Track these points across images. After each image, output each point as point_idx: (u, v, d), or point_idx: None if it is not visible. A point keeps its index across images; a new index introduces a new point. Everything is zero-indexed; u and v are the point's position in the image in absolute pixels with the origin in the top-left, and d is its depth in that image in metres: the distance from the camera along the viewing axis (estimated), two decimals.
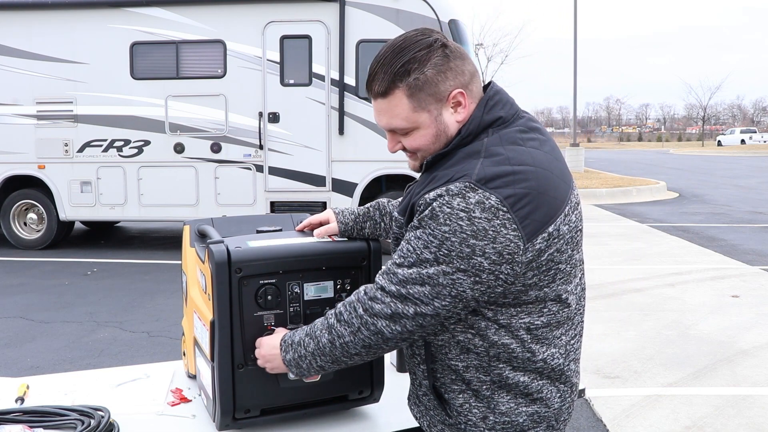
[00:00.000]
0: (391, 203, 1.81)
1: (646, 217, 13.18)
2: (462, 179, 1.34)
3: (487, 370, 1.43)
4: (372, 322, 1.40)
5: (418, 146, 1.47)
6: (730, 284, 7.28)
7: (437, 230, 1.33)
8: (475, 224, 1.31)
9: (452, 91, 1.42)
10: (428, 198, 1.36)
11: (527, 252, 1.34)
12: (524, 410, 1.44)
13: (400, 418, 1.79)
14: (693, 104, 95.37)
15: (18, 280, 7.67)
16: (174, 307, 6.37)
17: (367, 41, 8.67)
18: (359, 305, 1.42)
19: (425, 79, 1.40)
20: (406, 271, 1.37)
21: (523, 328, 1.41)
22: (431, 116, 1.43)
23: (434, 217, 1.33)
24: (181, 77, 9.03)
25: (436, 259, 1.33)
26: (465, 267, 1.32)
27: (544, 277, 1.39)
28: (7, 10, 9.14)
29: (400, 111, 1.43)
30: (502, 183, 1.33)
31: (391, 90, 1.42)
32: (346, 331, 1.43)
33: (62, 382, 2.02)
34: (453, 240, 1.31)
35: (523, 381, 1.43)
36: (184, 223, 1.94)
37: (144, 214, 9.30)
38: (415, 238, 1.37)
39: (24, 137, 9.24)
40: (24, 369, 4.74)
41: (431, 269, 1.34)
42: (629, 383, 4.49)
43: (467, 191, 1.32)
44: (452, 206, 1.32)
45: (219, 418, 1.62)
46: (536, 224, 1.34)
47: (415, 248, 1.36)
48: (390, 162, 8.78)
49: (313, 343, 1.48)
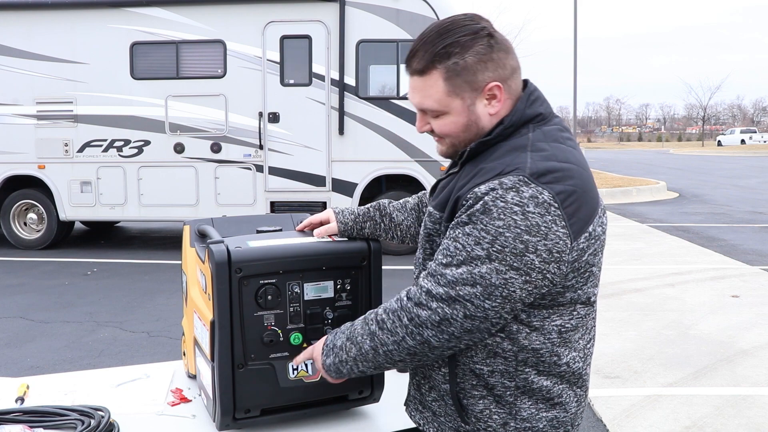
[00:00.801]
0: (392, 204, 1.80)
1: (646, 217, 13.18)
2: (515, 172, 1.30)
3: (513, 375, 1.39)
4: (418, 331, 1.33)
5: (447, 132, 1.44)
6: (730, 284, 7.28)
7: (490, 225, 1.27)
8: (529, 219, 1.26)
9: (489, 82, 1.38)
10: (479, 191, 1.30)
11: (572, 251, 1.32)
12: (544, 416, 1.41)
13: (400, 418, 1.79)
14: (693, 104, 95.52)
15: (18, 280, 7.67)
16: (174, 307, 6.37)
17: (367, 41, 8.68)
18: (404, 314, 1.35)
19: (464, 65, 1.37)
20: (455, 271, 1.30)
21: (555, 331, 1.38)
22: (464, 104, 1.40)
23: (487, 211, 1.28)
24: (181, 77, 9.03)
25: (488, 256, 1.27)
26: (518, 265, 1.27)
27: (580, 279, 1.37)
28: (8, 10, 9.14)
29: (434, 92, 1.40)
30: (553, 179, 1.30)
31: (428, 69, 1.39)
32: (390, 340, 1.37)
33: (62, 382, 2.02)
34: (507, 235, 1.26)
35: (546, 386, 1.40)
36: (184, 223, 1.94)
37: (144, 214, 9.30)
38: (464, 234, 1.30)
39: (24, 137, 9.24)
40: (24, 369, 4.74)
41: (483, 267, 1.28)
42: (629, 383, 4.48)
43: (521, 185, 1.28)
44: (506, 200, 1.27)
45: (219, 418, 1.62)
46: (581, 223, 1.32)
47: (465, 245, 1.30)
48: (390, 162, 8.79)
49: (355, 349, 1.43)
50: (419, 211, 1.79)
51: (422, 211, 1.79)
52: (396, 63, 8.72)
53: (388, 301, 1.43)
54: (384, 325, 1.38)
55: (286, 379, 1.64)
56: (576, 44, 24.09)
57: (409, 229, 1.78)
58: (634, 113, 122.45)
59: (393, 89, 8.91)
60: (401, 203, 1.81)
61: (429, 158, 8.70)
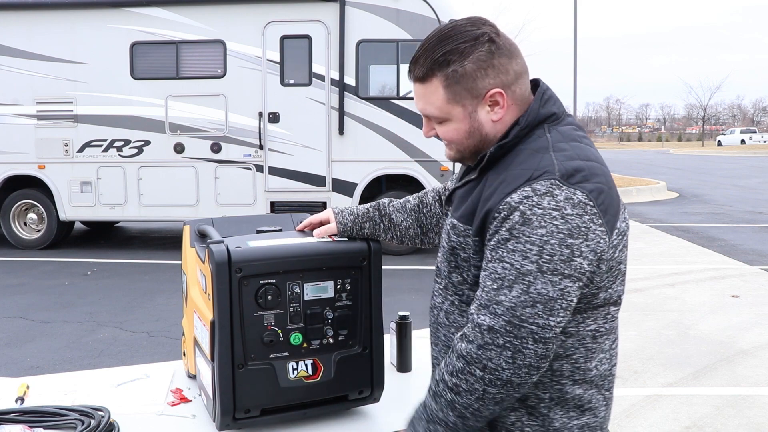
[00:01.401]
0: (392, 204, 1.79)
1: (646, 217, 13.18)
2: (545, 176, 1.27)
3: (547, 386, 1.35)
4: (496, 377, 1.24)
5: (450, 138, 1.42)
6: (730, 284, 7.28)
7: (533, 235, 1.23)
8: (569, 222, 1.23)
9: (491, 89, 1.35)
10: (513, 201, 1.26)
11: (609, 249, 1.30)
12: (576, 423, 1.37)
13: (400, 418, 1.79)
14: (693, 104, 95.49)
15: (18, 280, 7.67)
16: (174, 307, 6.37)
17: (367, 41, 8.68)
18: (474, 367, 1.26)
19: (463, 73, 1.34)
20: (509, 295, 1.23)
21: (589, 336, 1.35)
22: (465, 111, 1.38)
23: (527, 222, 1.24)
24: (181, 77, 9.03)
25: (539, 269, 1.22)
26: (569, 272, 1.23)
27: (611, 278, 1.34)
28: (8, 10, 9.14)
29: (435, 100, 1.38)
30: (582, 178, 1.28)
31: (428, 77, 1.37)
32: (473, 399, 1.27)
33: (62, 382, 2.02)
34: (552, 243, 1.22)
35: (578, 394, 1.36)
36: (184, 223, 1.94)
37: (144, 214, 9.30)
38: (509, 252, 1.25)
39: (24, 137, 9.24)
40: (24, 369, 4.74)
41: (538, 283, 1.22)
42: (629, 383, 4.48)
43: (554, 188, 1.25)
44: (543, 206, 1.24)
45: (219, 418, 1.62)
46: (612, 219, 1.30)
47: (513, 263, 1.24)
48: (390, 162, 8.79)
49: (441, 428, 1.32)
50: (419, 212, 1.78)
51: (422, 212, 1.78)
52: (396, 63, 8.72)
53: (445, 363, 1.34)
54: (459, 389, 1.29)
55: (286, 379, 1.64)
56: (576, 44, 24.08)
57: (408, 230, 1.77)
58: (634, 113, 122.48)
59: (393, 89, 8.91)
60: (401, 203, 1.80)
61: (429, 158, 8.70)
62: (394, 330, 2.16)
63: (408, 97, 8.79)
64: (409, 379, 2.10)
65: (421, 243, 1.81)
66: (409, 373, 2.13)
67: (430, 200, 1.79)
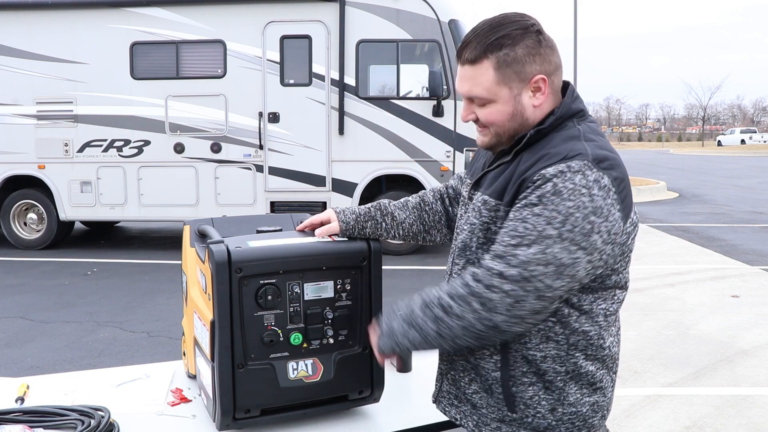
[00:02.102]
0: (392, 203, 1.81)
1: (646, 217, 13.18)
2: (579, 157, 1.37)
3: (564, 360, 1.44)
4: (488, 316, 1.35)
5: (492, 121, 1.49)
6: (730, 284, 7.28)
7: (561, 205, 1.33)
8: (595, 201, 1.34)
9: (536, 75, 1.45)
10: (548, 173, 1.36)
11: (623, 234, 1.40)
12: (587, 400, 1.47)
13: (400, 418, 1.79)
14: (693, 104, 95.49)
15: (18, 280, 7.67)
16: (174, 307, 6.37)
17: (367, 41, 8.68)
18: (473, 299, 1.36)
19: (514, 57, 1.43)
20: (527, 251, 1.33)
21: (601, 315, 1.45)
22: (511, 94, 1.46)
23: (557, 192, 1.33)
24: (181, 77, 9.03)
25: (559, 236, 1.32)
26: (585, 244, 1.33)
27: (622, 262, 1.45)
28: (8, 10, 9.14)
29: (484, 80, 1.46)
30: (608, 165, 1.38)
31: (480, 59, 1.45)
32: (457, 325, 1.38)
33: (62, 382, 2.02)
34: (577, 215, 1.32)
35: (591, 371, 1.46)
36: (184, 223, 1.94)
37: (144, 214, 9.30)
38: (534, 215, 1.34)
39: (24, 137, 9.24)
40: (24, 369, 4.74)
41: (555, 247, 1.32)
42: (629, 383, 4.48)
43: (586, 169, 1.35)
44: (575, 182, 1.34)
45: (219, 418, 1.62)
46: (628, 208, 1.41)
47: (536, 225, 1.34)
48: (390, 162, 8.79)
49: (416, 333, 1.45)
50: (421, 209, 1.81)
51: (424, 210, 1.81)
52: (396, 63, 8.72)
53: (449, 285, 1.43)
54: (451, 311, 1.39)
55: (286, 379, 1.64)
56: (576, 44, 24.08)
57: (412, 226, 1.80)
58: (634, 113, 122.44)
59: (393, 89, 8.90)
60: (402, 202, 1.82)
61: (429, 158, 8.70)
62: None
63: (408, 97, 8.79)
64: (409, 379, 2.10)
65: (423, 240, 1.84)
66: (409, 373, 2.13)
67: (430, 199, 1.83)
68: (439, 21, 8.42)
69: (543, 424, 1.45)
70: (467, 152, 8.55)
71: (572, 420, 1.46)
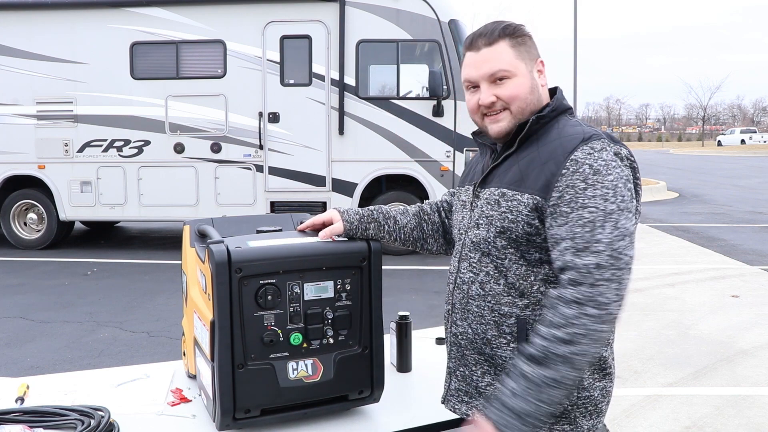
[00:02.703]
0: (393, 209, 1.84)
1: (646, 217, 13.18)
2: (595, 137, 1.47)
3: None
4: (607, 313, 1.35)
5: (516, 94, 1.56)
6: (730, 284, 7.28)
7: (606, 180, 1.41)
8: (624, 170, 1.45)
9: (538, 58, 1.61)
10: (578, 158, 1.44)
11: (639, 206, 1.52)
12: (598, 385, 1.52)
13: (400, 418, 1.79)
14: (693, 104, 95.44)
15: (18, 280, 7.67)
16: (174, 307, 6.37)
17: (367, 41, 8.68)
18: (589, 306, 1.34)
19: (524, 39, 1.59)
20: (604, 232, 1.38)
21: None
22: (527, 69, 1.57)
23: (597, 171, 1.42)
24: (181, 77, 9.03)
25: (618, 207, 1.40)
26: (632, 209, 1.43)
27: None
28: (7, 10, 9.14)
29: (505, 56, 1.56)
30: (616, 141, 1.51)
31: (496, 41, 1.56)
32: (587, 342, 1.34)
33: (62, 382, 2.02)
34: (619, 185, 1.42)
35: (604, 356, 1.51)
36: (184, 223, 1.94)
37: (144, 214, 9.30)
38: (589, 197, 1.40)
39: (24, 137, 9.24)
40: (24, 369, 4.74)
41: (621, 218, 1.39)
42: (629, 383, 4.48)
43: (605, 145, 1.47)
44: (605, 159, 1.44)
45: (219, 418, 1.62)
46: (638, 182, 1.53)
47: (597, 206, 1.39)
48: (390, 162, 8.78)
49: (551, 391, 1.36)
50: (420, 218, 1.85)
51: (423, 219, 1.85)
52: (396, 63, 8.72)
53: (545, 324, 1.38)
54: (575, 336, 1.34)
55: (286, 379, 1.64)
56: (576, 44, 24.07)
57: (413, 232, 1.82)
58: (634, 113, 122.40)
59: (393, 89, 8.90)
60: (402, 209, 1.86)
61: (429, 158, 8.70)
62: (394, 330, 2.16)
63: (408, 97, 8.80)
64: (409, 379, 2.10)
65: (420, 248, 1.87)
66: (409, 373, 2.13)
67: (428, 210, 1.88)
68: (439, 21, 8.41)
69: (559, 409, 1.46)
70: (467, 152, 8.54)
71: (585, 404, 1.50)
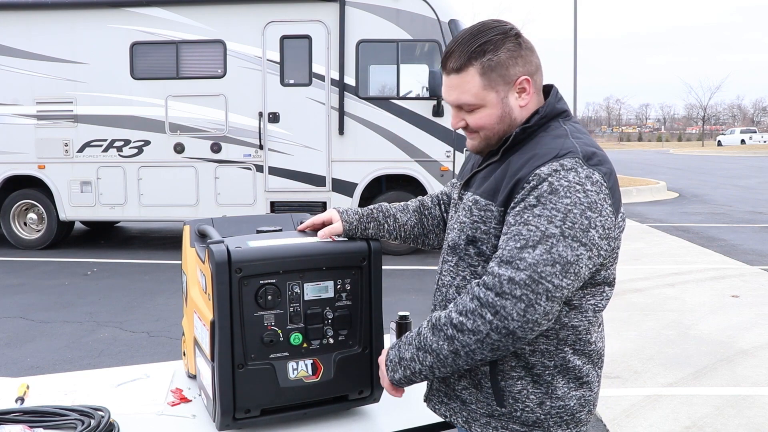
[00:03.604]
0: (393, 206, 1.82)
1: (646, 217, 13.18)
2: (570, 155, 1.40)
3: (552, 354, 1.45)
4: (503, 325, 1.34)
5: (482, 125, 1.52)
6: (730, 284, 7.28)
7: (559, 203, 1.35)
8: (589, 197, 1.36)
9: (520, 77, 1.49)
10: (542, 173, 1.38)
11: (615, 228, 1.42)
12: (574, 394, 1.49)
13: (400, 418, 1.79)
14: (693, 104, 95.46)
15: (18, 280, 7.67)
16: (174, 307, 6.37)
17: (367, 41, 8.68)
18: (486, 310, 1.35)
19: (498, 61, 1.47)
20: (533, 253, 1.33)
21: (590, 310, 1.47)
22: (498, 97, 1.49)
23: (554, 191, 1.36)
24: (181, 77, 9.03)
25: (562, 233, 1.34)
26: (585, 240, 1.35)
27: (611, 258, 1.46)
28: (7, 10, 9.14)
29: (471, 87, 1.49)
30: (597, 161, 1.42)
31: (465, 67, 1.48)
32: (473, 339, 1.37)
33: (62, 382, 2.02)
34: (575, 212, 1.34)
35: (578, 365, 1.48)
36: (184, 223, 1.94)
37: (144, 214, 9.30)
38: (535, 216, 1.36)
39: (24, 137, 9.24)
40: (24, 369, 4.74)
41: (559, 245, 1.33)
42: (629, 383, 4.48)
43: (578, 166, 1.39)
44: (569, 180, 1.37)
45: (219, 418, 1.62)
46: (618, 203, 1.43)
47: (538, 226, 1.35)
48: (390, 162, 8.78)
49: (431, 357, 1.44)
50: (421, 213, 1.83)
51: (424, 214, 1.83)
52: (396, 63, 8.72)
53: (456, 303, 1.42)
54: (464, 327, 1.38)
55: (286, 379, 1.64)
56: (576, 44, 24.07)
57: (413, 229, 1.81)
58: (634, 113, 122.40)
59: (393, 89, 8.91)
60: (402, 205, 1.84)
61: (429, 158, 8.70)
62: (394, 330, 2.16)
63: (408, 97, 8.79)
64: None
65: (422, 244, 1.85)
66: None
67: (429, 204, 1.85)
68: (439, 21, 8.41)
69: (532, 417, 1.46)
70: (467, 152, 8.55)
71: (560, 414, 1.47)
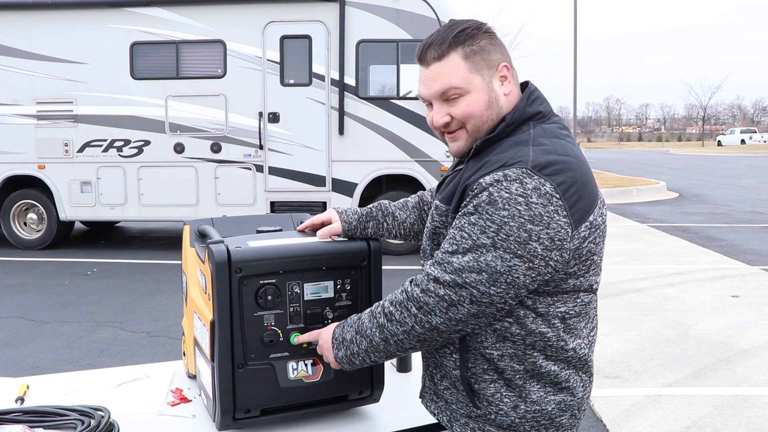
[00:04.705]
0: (392, 204, 1.82)
1: (646, 217, 13.18)
2: (518, 165, 1.37)
3: (521, 358, 1.45)
4: (426, 319, 1.39)
5: (470, 112, 1.48)
6: (730, 284, 7.28)
7: (495, 215, 1.34)
8: (532, 209, 1.33)
9: (501, 62, 1.49)
10: (484, 182, 1.37)
11: (574, 239, 1.38)
12: (552, 399, 1.47)
13: (400, 418, 1.79)
14: (693, 104, 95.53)
15: (18, 280, 7.67)
16: (174, 307, 6.37)
17: (367, 41, 8.68)
18: (411, 304, 1.41)
19: (480, 46, 1.47)
20: (461, 259, 1.36)
21: (558, 317, 1.44)
22: (484, 81, 1.47)
23: (492, 202, 1.35)
24: (181, 77, 9.03)
25: (493, 245, 1.34)
26: (521, 252, 1.33)
27: (582, 267, 1.43)
28: (7, 10, 9.14)
29: (456, 71, 1.46)
30: (554, 171, 1.37)
31: (446, 54, 1.47)
32: (399, 330, 1.43)
33: (62, 382, 2.02)
34: (511, 225, 1.33)
35: (554, 370, 1.46)
36: (184, 223, 1.94)
37: (144, 214, 9.30)
38: (470, 224, 1.37)
39: (24, 137, 9.24)
40: (24, 369, 4.74)
41: (488, 255, 1.34)
42: (629, 383, 4.48)
43: (524, 177, 1.35)
44: (510, 191, 1.34)
45: (219, 418, 1.62)
46: (581, 212, 1.39)
47: (471, 234, 1.36)
48: (390, 162, 8.79)
49: (365, 342, 1.48)
50: (420, 209, 1.82)
51: (423, 209, 1.82)
52: (396, 63, 8.72)
53: (393, 293, 1.48)
54: (392, 317, 1.44)
55: (286, 379, 1.64)
56: (576, 44, 24.08)
57: (413, 226, 1.81)
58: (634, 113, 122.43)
59: (393, 89, 8.91)
60: (402, 203, 1.84)
61: (429, 158, 8.70)
62: None
63: (408, 97, 8.79)
64: (409, 379, 2.09)
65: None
66: (409, 373, 2.13)
67: (428, 199, 1.84)
68: (439, 21, 8.41)
69: (506, 421, 1.46)
70: None
71: (536, 418, 1.46)
